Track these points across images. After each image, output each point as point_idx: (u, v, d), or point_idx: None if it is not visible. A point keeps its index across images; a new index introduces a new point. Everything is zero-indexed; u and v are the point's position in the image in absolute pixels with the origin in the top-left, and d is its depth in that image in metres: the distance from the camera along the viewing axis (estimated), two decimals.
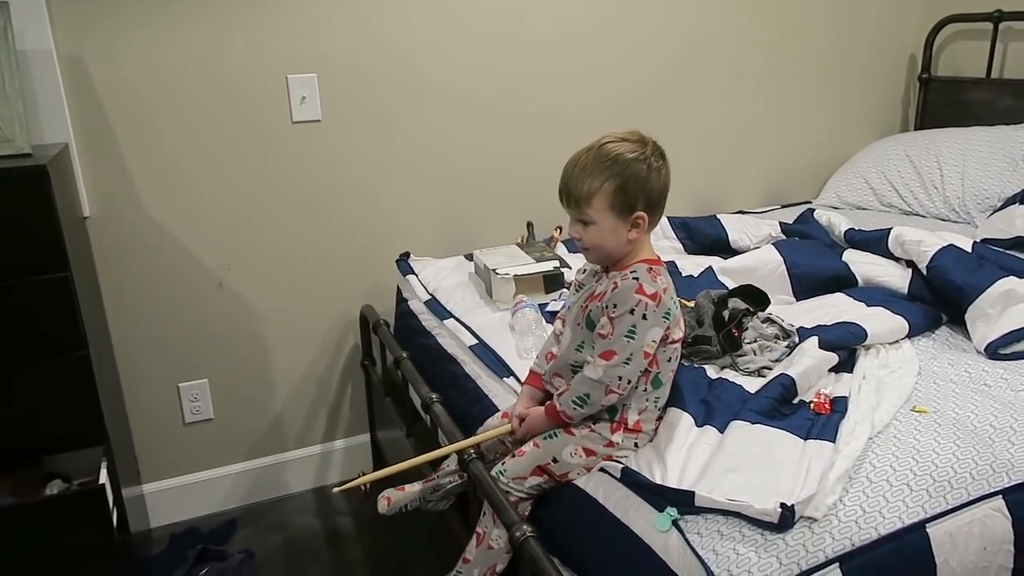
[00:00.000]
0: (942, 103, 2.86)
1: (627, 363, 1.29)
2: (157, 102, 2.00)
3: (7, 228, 1.60)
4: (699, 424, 1.34)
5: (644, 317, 1.28)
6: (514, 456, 1.40)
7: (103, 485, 1.73)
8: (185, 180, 2.08)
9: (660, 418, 1.38)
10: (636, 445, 1.35)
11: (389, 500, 1.60)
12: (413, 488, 1.60)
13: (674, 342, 1.36)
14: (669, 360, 1.36)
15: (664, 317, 1.30)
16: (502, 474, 1.38)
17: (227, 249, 2.16)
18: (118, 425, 2.02)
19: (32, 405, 1.71)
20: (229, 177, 2.12)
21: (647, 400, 1.35)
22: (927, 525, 1.16)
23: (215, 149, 2.08)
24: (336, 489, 1.52)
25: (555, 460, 1.36)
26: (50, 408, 1.72)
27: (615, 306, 1.29)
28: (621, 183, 1.30)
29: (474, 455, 1.49)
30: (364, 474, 2.36)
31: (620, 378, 1.29)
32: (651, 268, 1.33)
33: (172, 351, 2.18)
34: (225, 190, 2.12)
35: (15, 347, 1.67)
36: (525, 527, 1.24)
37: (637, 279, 1.30)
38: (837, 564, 1.08)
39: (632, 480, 1.24)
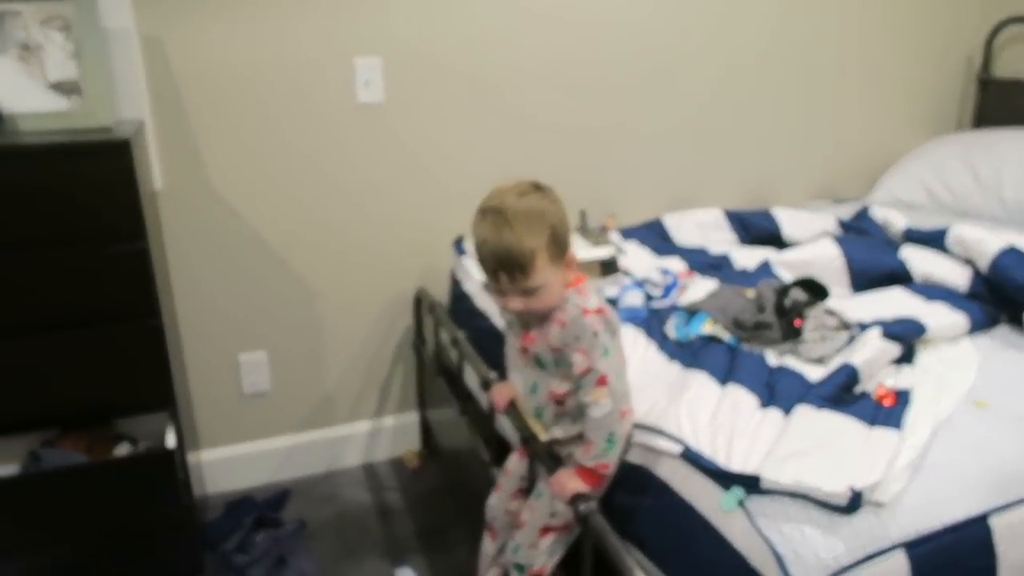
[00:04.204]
0: (1000, 105, 2.83)
1: (620, 378, 1.28)
2: (228, 81, 2.06)
3: (89, 199, 1.66)
4: (763, 405, 1.37)
5: (606, 326, 1.28)
6: (519, 528, 1.43)
7: (172, 448, 1.79)
8: (251, 157, 2.13)
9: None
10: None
11: None
12: None
13: None
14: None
15: (611, 321, 1.30)
16: (516, 550, 1.41)
17: (289, 226, 2.22)
18: (181, 392, 2.09)
19: (105, 369, 1.77)
20: (293, 156, 2.17)
21: None
22: (989, 517, 1.18)
23: (281, 128, 2.14)
24: None
25: (552, 515, 1.38)
26: (121, 373, 1.79)
27: (577, 339, 1.26)
28: (552, 233, 1.25)
29: (532, 436, 1.53)
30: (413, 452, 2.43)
31: (623, 395, 1.28)
32: (578, 289, 1.31)
33: (233, 324, 2.25)
34: (289, 168, 2.17)
35: (92, 314, 1.73)
36: (591, 501, 1.27)
37: (577, 305, 1.28)
38: (903, 549, 1.11)
39: (696, 462, 1.26)
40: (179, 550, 1.89)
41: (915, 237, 2.04)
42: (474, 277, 2.14)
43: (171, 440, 1.84)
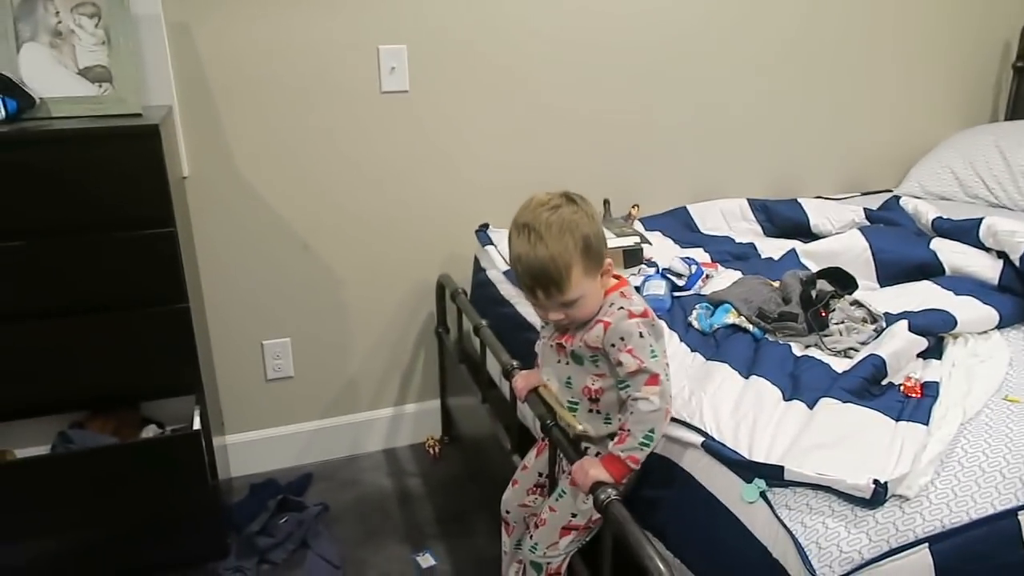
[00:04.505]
0: None
1: (667, 378, 1.29)
2: (255, 68, 2.07)
3: (119, 184, 1.69)
4: (786, 398, 1.36)
5: (651, 329, 1.29)
6: (537, 526, 1.44)
7: (198, 431, 1.82)
8: (277, 144, 2.14)
9: None
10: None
11: None
12: None
13: None
14: None
15: (656, 325, 1.32)
16: (534, 549, 1.42)
17: (313, 213, 2.23)
18: (207, 377, 2.12)
19: (133, 353, 1.81)
20: (318, 143, 2.18)
21: None
22: (1019, 512, 1.16)
23: (307, 115, 2.14)
24: None
25: (574, 515, 1.39)
26: (149, 356, 1.82)
27: (622, 339, 1.27)
28: (584, 244, 1.25)
29: (552, 423, 1.52)
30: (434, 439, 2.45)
31: (670, 396, 1.29)
32: (622, 292, 1.32)
33: (258, 310, 2.27)
34: (314, 155, 2.18)
35: (120, 297, 1.76)
36: (610, 490, 1.27)
37: (622, 308, 1.29)
38: (927, 544, 1.09)
39: (717, 453, 1.26)
40: (204, 531, 1.92)
41: (945, 228, 2.00)
42: (497, 265, 2.14)
43: (197, 422, 1.86)
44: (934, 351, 1.54)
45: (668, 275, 1.92)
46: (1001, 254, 1.84)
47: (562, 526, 1.40)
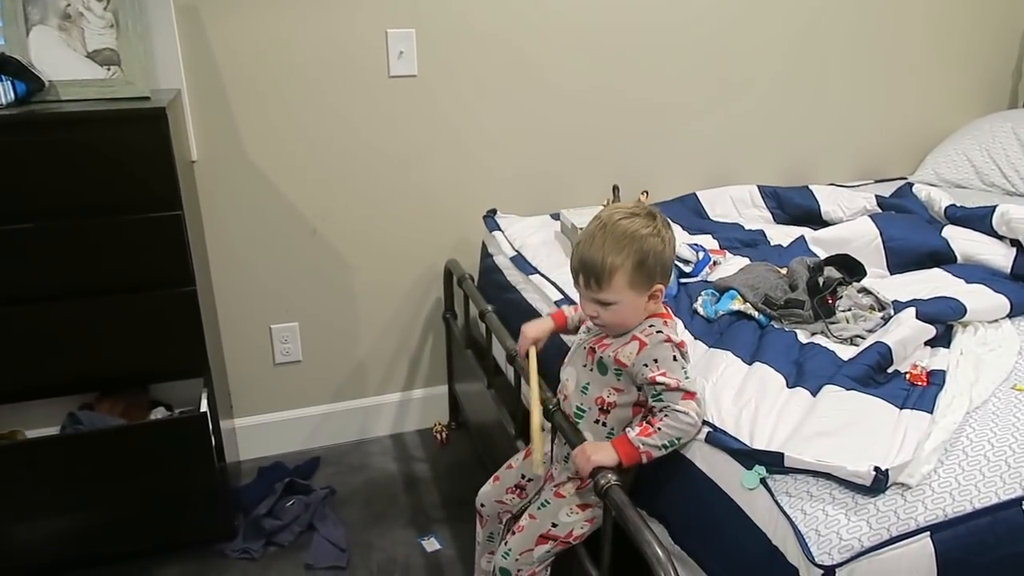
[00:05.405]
0: None
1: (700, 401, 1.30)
2: (263, 52, 2.07)
3: (126, 167, 1.70)
4: (790, 385, 1.35)
5: (683, 356, 1.31)
6: (514, 533, 1.44)
7: (205, 413, 1.83)
8: (286, 129, 2.15)
9: None
10: None
11: None
12: None
13: None
14: None
15: (687, 355, 1.34)
16: (507, 555, 1.42)
17: (322, 198, 2.23)
18: (215, 360, 2.13)
19: (141, 335, 1.82)
20: (327, 128, 2.18)
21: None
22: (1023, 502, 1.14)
23: (316, 100, 2.14)
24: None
25: (554, 524, 1.39)
26: (157, 338, 1.83)
27: (655, 361, 1.28)
28: (640, 259, 1.28)
29: (555, 408, 1.51)
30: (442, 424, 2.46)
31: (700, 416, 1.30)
32: (666, 322, 1.34)
33: (266, 294, 2.28)
34: (323, 140, 2.18)
35: (128, 280, 1.77)
36: (610, 475, 1.27)
37: (661, 332, 1.31)
38: (928, 533, 1.08)
39: (720, 444, 1.25)
40: (211, 513, 1.94)
41: (958, 216, 1.98)
42: (504, 251, 2.14)
43: (204, 405, 1.87)
44: (943, 339, 1.52)
45: (675, 261, 1.90)
46: (1014, 242, 1.82)
47: (540, 534, 1.40)
